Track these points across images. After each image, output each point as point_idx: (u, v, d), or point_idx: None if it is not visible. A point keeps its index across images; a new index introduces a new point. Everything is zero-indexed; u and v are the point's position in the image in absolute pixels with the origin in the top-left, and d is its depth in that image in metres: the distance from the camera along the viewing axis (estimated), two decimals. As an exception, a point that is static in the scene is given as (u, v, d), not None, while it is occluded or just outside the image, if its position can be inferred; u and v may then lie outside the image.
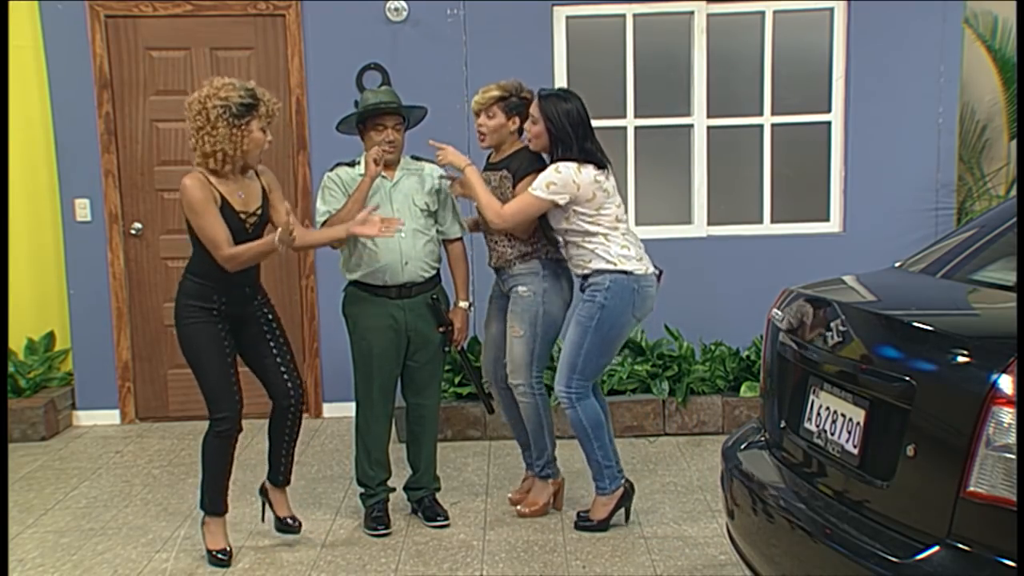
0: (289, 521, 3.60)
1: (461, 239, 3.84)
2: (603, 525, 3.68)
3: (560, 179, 3.44)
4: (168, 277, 5.34)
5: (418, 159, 3.81)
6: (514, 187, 3.62)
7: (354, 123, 3.68)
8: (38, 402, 5.12)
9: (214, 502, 3.50)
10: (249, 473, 4.43)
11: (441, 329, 3.73)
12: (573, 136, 3.48)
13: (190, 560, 3.57)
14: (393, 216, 3.60)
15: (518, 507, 3.90)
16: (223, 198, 3.29)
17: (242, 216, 3.35)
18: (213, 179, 3.28)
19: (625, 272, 3.55)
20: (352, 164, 3.73)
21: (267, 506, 3.69)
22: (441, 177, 3.74)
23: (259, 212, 3.42)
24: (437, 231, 3.76)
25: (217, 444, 3.42)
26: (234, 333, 3.43)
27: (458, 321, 3.79)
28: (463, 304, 3.81)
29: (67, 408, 5.34)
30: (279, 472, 3.61)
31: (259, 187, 3.45)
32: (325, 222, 3.64)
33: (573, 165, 3.45)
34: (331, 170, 3.74)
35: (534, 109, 3.53)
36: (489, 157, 3.81)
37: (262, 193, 3.45)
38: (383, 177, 3.65)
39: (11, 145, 5.23)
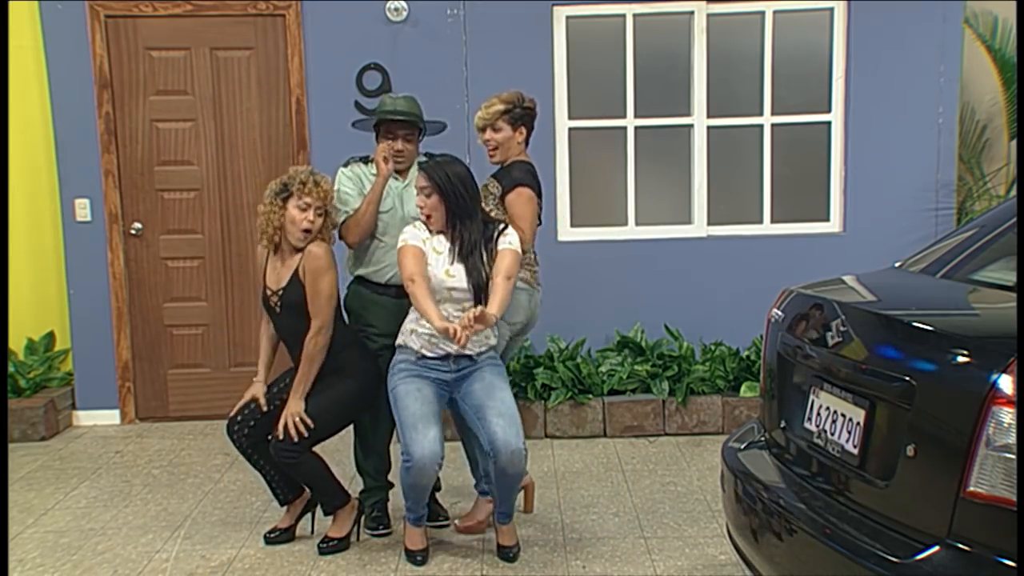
0: (273, 534, 3.73)
1: None
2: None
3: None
4: (168, 277, 5.35)
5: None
6: (502, 199, 3.56)
7: (371, 123, 3.67)
8: (38, 402, 5.12)
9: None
10: (249, 473, 4.43)
11: None
12: (469, 200, 3.33)
13: (190, 560, 3.58)
14: (404, 218, 3.61)
15: (455, 522, 3.78)
16: (265, 271, 3.55)
17: (268, 292, 3.54)
18: (271, 252, 3.54)
19: None
20: (366, 160, 3.72)
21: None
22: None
23: (281, 293, 3.47)
24: None
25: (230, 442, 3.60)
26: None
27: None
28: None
29: (67, 408, 5.34)
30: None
31: (292, 268, 3.45)
32: (344, 222, 3.61)
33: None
34: (345, 165, 3.72)
35: (423, 181, 3.32)
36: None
37: (292, 275, 3.45)
38: (395, 178, 3.65)
39: (11, 145, 5.23)
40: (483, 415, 3.33)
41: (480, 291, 3.33)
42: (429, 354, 3.38)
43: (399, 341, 3.47)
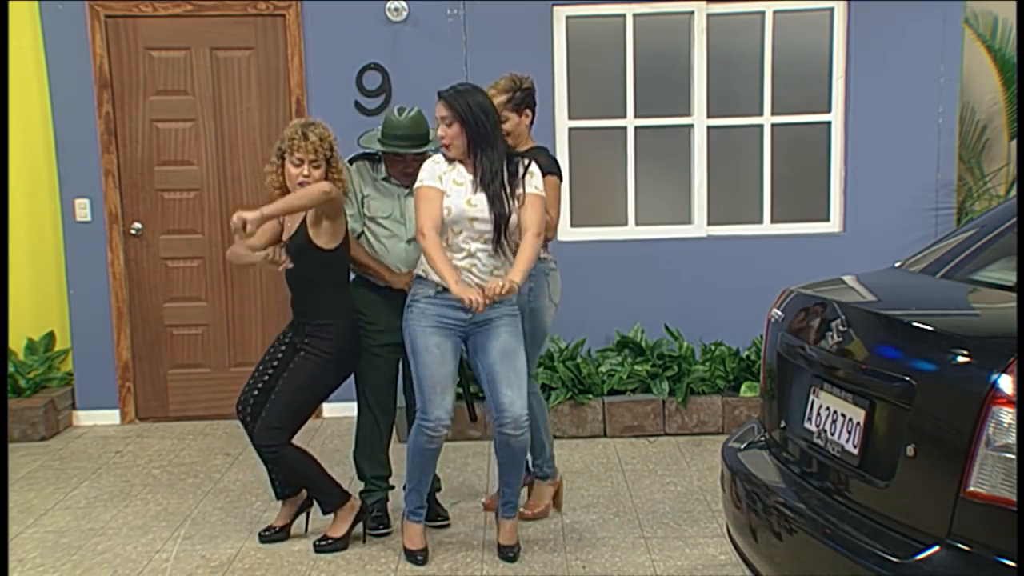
0: (268, 532, 3.75)
1: None
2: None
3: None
4: (168, 277, 5.35)
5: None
6: None
7: (376, 137, 3.63)
8: (38, 402, 5.12)
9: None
10: (250, 474, 4.43)
11: None
12: (491, 128, 3.25)
13: (190, 560, 3.57)
14: (403, 224, 3.62)
15: (521, 509, 3.81)
16: (282, 226, 3.56)
17: (283, 243, 3.56)
18: None
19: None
20: (372, 159, 3.69)
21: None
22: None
23: (288, 242, 3.49)
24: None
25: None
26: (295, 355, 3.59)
27: None
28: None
29: (67, 408, 5.34)
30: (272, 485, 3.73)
31: (301, 217, 3.46)
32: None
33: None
34: (351, 162, 3.69)
35: (443, 111, 3.26)
36: None
37: (300, 223, 3.46)
38: (398, 185, 3.64)
39: (11, 145, 5.23)
40: (493, 380, 3.34)
41: (502, 223, 3.26)
42: None
43: (419, 271, 3.41)
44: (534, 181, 3.33)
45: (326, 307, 3.51)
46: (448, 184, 3.29)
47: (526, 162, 3.35)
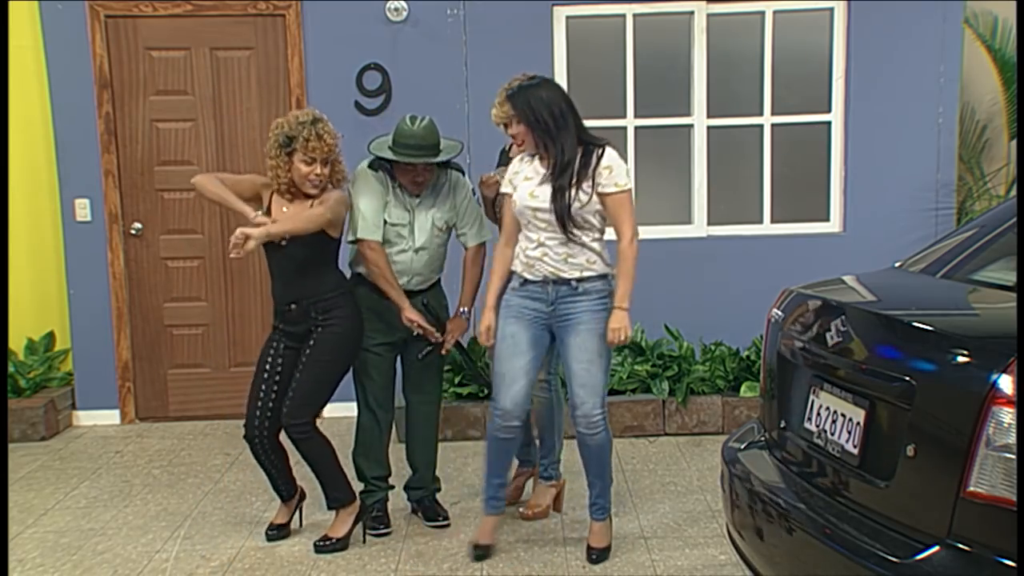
0: (274, 531, 3.75)
1: (481, 245, 3.74)
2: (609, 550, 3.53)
3: (624, 166, 3.31)
4: (168, 277, 5.35)
5: (445, 167, 3.73)
6: None
7: (387, 143, 3.58)
8: (38, 402, 5.12)
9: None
10: (250, 474, 4.43)
11: (426, 339, 3.69)
12: (553, 124, 3.21)
13: (190, 560, 3.58)
14: (413, 232, 3.60)
15: (520, 509, 3.86)
16: (270, 211, 3.51)
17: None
18: (276, 194, 3.53)
19: (609, 276, 3.37)
20: (390, 167, 3.62)
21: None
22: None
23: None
24: (457, 236, 3.73)
25: (248, 445, 3.61)
26: (298, 349, 3.56)
27: (456, 329, 3.74)
28: (464, 311, 3.75)
29: (67, 408, 5.34)
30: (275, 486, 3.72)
31: (306, 208, 3.47)
32: (358, 241, 3.59)
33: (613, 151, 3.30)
34: (370, 166, 3.63)
35: (509, 109, 3.33)
36: (507, 150, 3.77)
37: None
38: (409, 194, 3.63)
39: (11, 145, 5.23)
40: (569, 377, 3.38)
41: (565, 217, 3.20)
42: (530, 277, 3.32)
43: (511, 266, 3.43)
44: (614, 176, 3.23)
45: (332, 281, 3.53)
46: (520, 181, 3.33)
47: (600, 152, 3.26)
